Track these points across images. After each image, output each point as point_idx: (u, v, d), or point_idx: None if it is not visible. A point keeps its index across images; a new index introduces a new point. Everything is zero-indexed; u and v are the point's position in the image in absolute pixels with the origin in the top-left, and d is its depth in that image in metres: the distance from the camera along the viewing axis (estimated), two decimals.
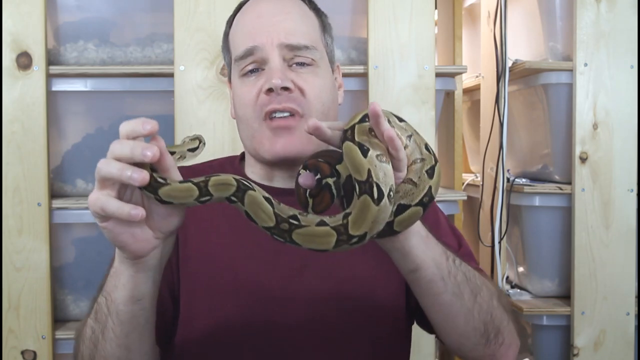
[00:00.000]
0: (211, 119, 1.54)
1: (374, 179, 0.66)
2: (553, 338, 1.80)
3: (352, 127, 0.70)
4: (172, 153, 0.79)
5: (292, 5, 1.01)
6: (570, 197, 1.73)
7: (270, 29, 0.96)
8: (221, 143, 1.54)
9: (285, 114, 0.94)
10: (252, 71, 0.97)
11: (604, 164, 1.70)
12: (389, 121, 0.72)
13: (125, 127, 0.70)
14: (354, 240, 0.67)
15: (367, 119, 0.71)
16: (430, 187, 0.73)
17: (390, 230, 0.72)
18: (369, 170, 0.67)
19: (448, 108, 1.98)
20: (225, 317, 0.94)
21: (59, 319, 1.61)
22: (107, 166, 0.69)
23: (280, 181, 1.01)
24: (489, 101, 1.91)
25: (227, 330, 0.94)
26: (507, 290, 1.86)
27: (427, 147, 0.76)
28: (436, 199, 1.57)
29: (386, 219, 0.68)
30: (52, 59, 1.57)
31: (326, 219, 0.69)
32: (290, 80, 0.94)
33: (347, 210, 0.69)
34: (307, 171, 0.75)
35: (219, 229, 0.97)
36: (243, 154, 1.11)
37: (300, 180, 0.74)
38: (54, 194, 1.59)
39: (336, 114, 1.03)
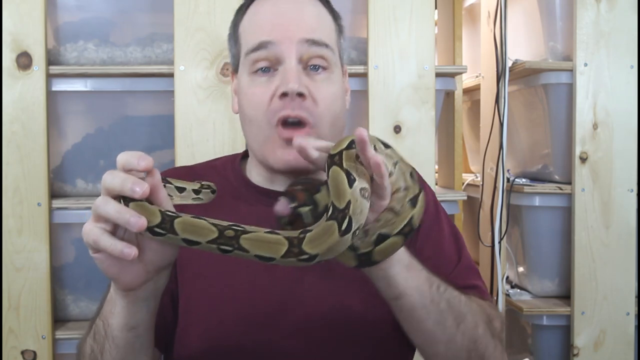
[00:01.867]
0: (211, 119, 1.54)
1: (350, 212, 0.66)
2: (553, 338, 1.80)
3: (340, 153, 0.69)
4: (181, 189, 0.79)
5: (313, 4, 0.97)
6: (570, 197, 1.73)
7: (290, 25, 0.93)
8: (221, 143, 1.54)
9: (296, 120, 0.91)
10: (263, 70, 0.93)
11: (604, 164, 1.70)
12: (375, 147, 0.72)
13: (121, 158, 0.68)
14: (304, 257, 0.65)
15: (353, 145, 0.70)
16: (412, 217, 0.71)
17: (368, 260, 0.71)
18: (349, 202, 0.66)
19: (448, 108, 1.98)
20: (224, 325, 0.93)
21: (59, 319, 1.61)
22: (105, 205, 0.67)
23: (282, 185, 0.98)
24: (489, 101, 1.91)
25: (225, 337, 0.93)
26: (507, 290, 1.86)
27: (412, 174, 0.75)
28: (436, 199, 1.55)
29: (339, 252, 0.67)
30: (52, 59, 1.57)
31: (278, 231, 0.67)
32: (305, 86, 0.91)
33: (308, 228, 0.67)
34: (285, 198, 0.75)
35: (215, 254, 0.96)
36: (244, 153, 1.08)
37: (276, 208, 0.74)
38: (54, 194, 1.59)
39: (344, 122, 1.01)
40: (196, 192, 0.82)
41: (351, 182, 0.67)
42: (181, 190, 0.80)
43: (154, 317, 0.80)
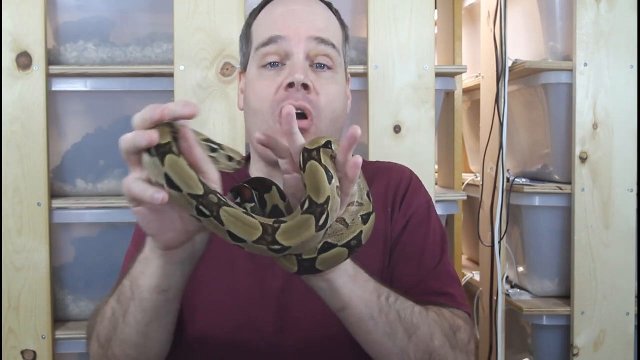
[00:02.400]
0: (211, 119, 1.54)
1: (329, 208, 0.65)
2: (553, 338, 1.80)
3: (318, 149, 0.69)
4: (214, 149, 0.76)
5: (323, 10, 1.03)
6: (570, 197, 1.73)
7: (300, 24, 0.97)
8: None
9: (299, 112, 0.93)
10: (272, 65, 0.97)
11: (604, 164, 1.70)
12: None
13: (170, 107, 0.66)
14: (276, 247, 0.64)
15: (330, 146, 0.70)
16: (361, 232, 0.71)
17: (310, 267, 0.69)
18: (328, 198, 0.65)
19: (448, 108, 1.98)
20: (222, 317, 0.94)
21: (59, 319, 1.61)
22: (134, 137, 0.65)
23: (282, 181, 1.00)
24: (489, 101, 1.91)
25: (222, 331, 0.94)
26: (507, 290, 1.86)
27: (368, 194, 0.75)
28: (437, 199, 1.57)
29: (311, 248, 0.66)
30: (52, 59, 1.57)
31: (255, 215, 0.66)
32: (310, 80, 0.95)
33: (283, 219, 0.66)
34: (231, 194, 0.74)
35: (216, 251, 0.96)
36: (247, 156, 1.10)
37: None
38: (54, 194, 1.59)
39: (343, 124, 1.03)
40: (229, 159, 0.78)
41: (329, 178, 0.67)
42: (214, 150, 0.76)
43: (185, 283, 0.79)
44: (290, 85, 0.93)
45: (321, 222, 0.65)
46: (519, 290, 1.89)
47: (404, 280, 0.96)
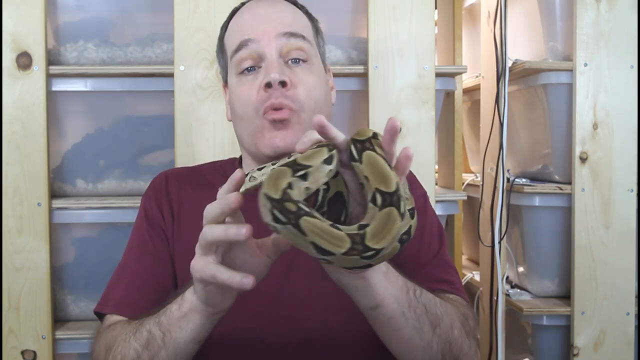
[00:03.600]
0: (211, 119, 1.54)
1: (401, 193, 0.63)
2: (553, 338, 1.80)
3: (370, 140, 0.67)
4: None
5: (287, 7, 1.04)
6: (570, 197, 1.73)
7: (268, 24, 0.99)
8: (221, 143, 1.54)
9: (280, 108, 0.96)
10: (249, 70, 0.99)
11: (604, 164, 1.70)
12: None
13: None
14: (370, 253, 0.60)
15: (377, 137, 0.69)
16: (410, 226, 0.70)
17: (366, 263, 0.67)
18: (397, 183, 0.63)
19: (448, 108, 1.98)
20: (218, 335, 0.94)
21: (59, 319, 1.61)
22: (211, 230, 0.71)
23: None
24: (489, 101, 1.91)
25: (218, 325, 0.94)
26: (507, 290, 1.86)
27: (410, 188, 0.74)
28: (437, 199, 1.58)
29: (396, 241, 0.63)
30: (52, 59, 1.57)
31: (338, 225, 0.62)
32: (287, 76, 0.96)
33: (362, 222, 0.63)
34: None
35: None
36: (241, 158, 1.12)
37: None
38: (54, 194, 1.59)
39: (330, 113, 1.04)
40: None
41: (390, 166, 0.65)
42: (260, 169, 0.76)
43: None
44: (268, 85, 0.95)
45: (401, 210, 0.62)
46: (519, 290, 1.89)
47: (403, 269, 0.97)
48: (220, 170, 1.11)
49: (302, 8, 1.08)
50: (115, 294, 1.01)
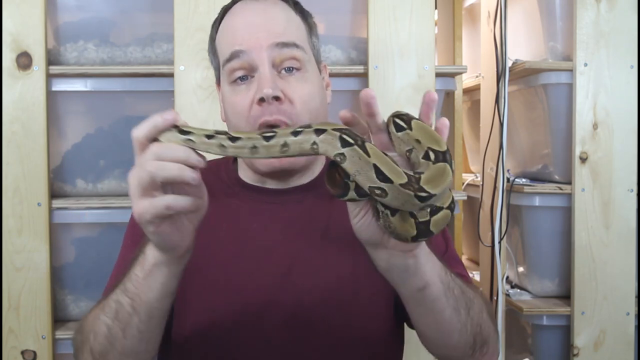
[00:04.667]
0: (211, 119, 1.54)
1: (449, 154, 0.66)
2: (553, 338, 1.80)
3: (408, 115, 0.71)
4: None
5: (278, 10, 1.01)
6: (570, 197, 1.73)
7: (259, 34, 0.96)
8: None
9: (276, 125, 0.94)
10: (242, 79, 0.97)
11: (604, 164, 1.70)
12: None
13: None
14: (423, 194, 0.63)
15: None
16: (452, 197, 0.73)
17: (426, 230, 0.71)
18: (446, 145, 0.66)
19: (448, 108, 1.98)
20: (216, 314, 0.95)
21: (59, 319, 1.61)
22: (163, 168, 0.69)
23: (273, 184, 1.02)
24: (489, 101, 1.91)
25: (217, 326, 0.95)
26: (507, 290, 1.86)
27: None
28: None
29: (443, 199, 0.67)
30: (52, 59, 1.57)
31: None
32: (280, 89, 0.94)
33: (418, 170, 0.67)
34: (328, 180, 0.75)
35: (213, 227, 0.97)
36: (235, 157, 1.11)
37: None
38: (54, 194, 1.59)
39: (326, 114, 1.03)
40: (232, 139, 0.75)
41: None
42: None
43: None
44: (262, 100, 0.94)
45: (453, 167, 0.66)
46: (519, 290, 1.89)
47: None
48: (214, 168, 1.08)
49: (294, 6, 1.04)
50: (106, 290, 1.01)
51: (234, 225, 0.99)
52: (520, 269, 1.92)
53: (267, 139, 0.69)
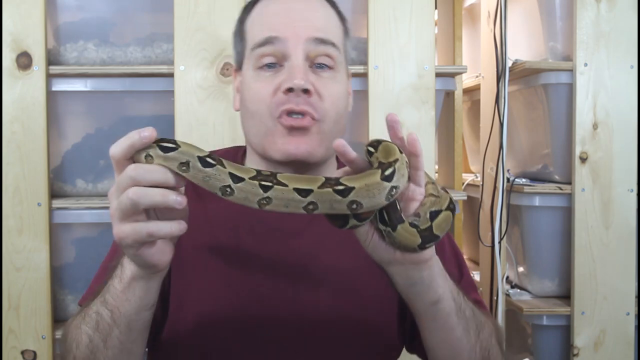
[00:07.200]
0: (211, 119, 1.54)
1: (395, 166, 0.68)
2: (553, 338, 1.80)
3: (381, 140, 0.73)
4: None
5: (320, 5, 0.98)
6: (570, 197, 1.73)
7: (299, 23, 0.93)
8: (221, 143, 1.54)
9: (300, 116, 0.91)
10: (269, 66, 0.93)
11: (604, 164, 1.70)
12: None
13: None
14: (340, 187, 0.67)
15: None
16: (450, 199, 0.75)
17: (430, 235, 0.72)
18: (396, 159, 0.68)
19: (448, 108, 1.98)
20: (215, 316, 0.94)
21: (59, 319, 1.61)
22: (145, 195, 0.68)
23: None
24: (489, 101, 1.91)
25: (214, 327, 0.93)
26: (507, 290, 1.86)
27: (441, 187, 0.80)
28: None
29: (374, 197, 0.68)
30: (52, 59, 1.57)
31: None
32: (311, 83, 0.91)
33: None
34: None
35: (213, 227, 0.96)
36: (245, 149, 1.07)
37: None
38: (54, 194, 1.59)
39: (345, 124, 1.00)
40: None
41: (400, 150, 0.70)
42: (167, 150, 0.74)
43: None
44: (290, 89, 0.90)
45: (387, 173, 0.67)
46: (519, 290, 1.89)
47: None
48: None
49: (334, 6, 1.01)
50: (87, 292, 1.00)
51: (238, 229, 0.96)
52: (520, 269, 1.92)
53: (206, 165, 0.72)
